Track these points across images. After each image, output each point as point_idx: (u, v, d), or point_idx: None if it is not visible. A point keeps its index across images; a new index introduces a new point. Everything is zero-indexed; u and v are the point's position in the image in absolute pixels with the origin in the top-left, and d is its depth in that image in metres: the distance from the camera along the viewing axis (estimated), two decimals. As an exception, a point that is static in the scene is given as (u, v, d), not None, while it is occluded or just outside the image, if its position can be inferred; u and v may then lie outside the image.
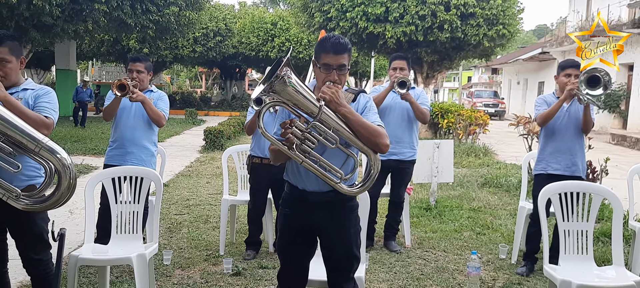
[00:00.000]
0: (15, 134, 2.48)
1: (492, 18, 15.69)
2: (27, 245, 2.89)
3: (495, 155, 12.03)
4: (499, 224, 6.06)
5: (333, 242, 2.73)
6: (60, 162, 2.51)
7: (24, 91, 2.89)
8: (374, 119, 2.61)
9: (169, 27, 14.50)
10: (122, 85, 4.04)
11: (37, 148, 2.50)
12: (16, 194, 2.55)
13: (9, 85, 2.81)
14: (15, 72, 2.86)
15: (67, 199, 2.59)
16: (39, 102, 2.86)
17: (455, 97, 43.99)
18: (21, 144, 2.50)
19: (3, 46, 2.78)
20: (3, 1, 9.40)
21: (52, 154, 2.51)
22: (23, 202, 2.56)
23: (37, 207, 2.60)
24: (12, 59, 2.82)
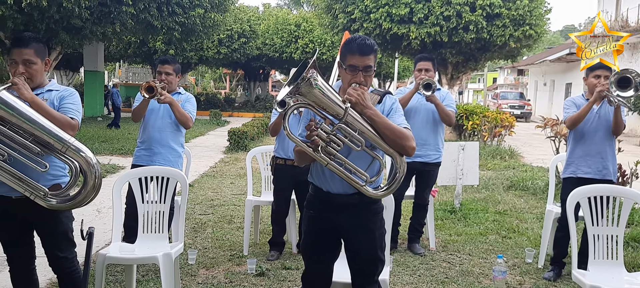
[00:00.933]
0: (42, 135, 2.53)
1: (518, 18, 15.47)
2: (53, 244, 2.94)
3: (521, 158, 11.86)
4: (525, 228, 5.96)
5: (358, 244, 2.72)
6: (86, 161, 2.55)
7: (49, 92, 2.94)
8: (400, 121, 2.59)
9: (195, 28, 14.65)
10: (150, 88, 4.09)
11: (63, 149, 2.54)
12: (44, 193, 2.60)
13: (34, 86, 2.87)
14: (41, 73, 2.92)
15: (92, 198, 2.64)
16: (64, 104, 2.91)
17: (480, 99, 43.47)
18: (48, 144, 2.55)
19: (29, 48, 2.83)
20: (34, 4, 9.62)
21: (78, 154, 2.55)
22: (50, 200, 2.61)
23: (63, 205, 2.65)
24: (38, 60, 2.88)
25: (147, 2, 11.94)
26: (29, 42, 2.84)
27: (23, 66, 2.82)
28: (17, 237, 2.96)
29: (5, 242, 2.99)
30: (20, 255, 3.02)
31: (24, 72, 2.80)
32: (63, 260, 2.98)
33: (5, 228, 2.94)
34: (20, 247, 3.00)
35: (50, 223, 2.89)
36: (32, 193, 2.59)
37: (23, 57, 2.82)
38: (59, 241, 2.95)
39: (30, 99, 2.69)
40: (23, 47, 2.82)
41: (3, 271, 4.29)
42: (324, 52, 25.73)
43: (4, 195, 2.83)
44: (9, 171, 2.55)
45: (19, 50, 2.82)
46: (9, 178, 2.56)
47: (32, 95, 2.73)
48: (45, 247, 2.98)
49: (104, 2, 11.00)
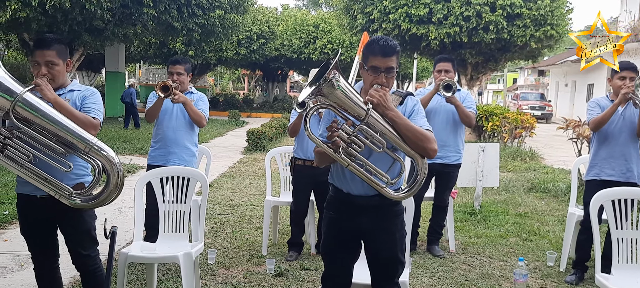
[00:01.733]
0: (65, 135, 2.57)
1: (539, 18, 15.30)
2: (76, 242, 2.99)
3: (542, 159, 11.71)
4: (547, 230, 5.89)
5: (378, 246, 2.71)
6: (109, 160, 2.59)
7: (71, 92, 2.98)
8: (422, 122, 2.57)
9: (214, 30, 14.76)
10: (166, 87, 4.14)
11: (86, 148, 2.58)
12: (68, 192, 2.64)
13: (57, 86, 2.91)
14: (62, 74, 2.95)
15: (115, 197, 2.67)
16: (86, 103, 2.94)
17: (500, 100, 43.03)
18: (71, 144, 2.59)
19: (51, 49, 2.87)
20: (58, 6, 9.78)
21: (101, 153, 2.59)
22: (74, 199, 2.65)
23: (87, 204, 2.69)
24: (60, 61, 2.91)
25: (167, 4, 12.07)
26: (51, 43, 2.88)
27: (46, 67, 2.86)
28: (42, 235, 3.02)
29: (30, 240, 3.04)
30: (44, 253, 3.07)
31: (46, 74, 2.84)
32: (86, 258, 3.03)
33: (31, 227, 3.00)
34: (45, 245, 3.05)
35: (74, 221, 2.94)
36: (57, 193, 2.64)
37: (45, 58, 2.86)
38: (82, 239, 2.99)
39: (53, 100, 2.73)
40: (45, 48, 2.86)
41: (27, 269, 4.37)
42: (342, 52, 25.73)
43: (29, 194, 2.88)
44: (34, 171, 2.60)
45: (41, 52, 2.86)
46: (34, 179, 2.60)
47: (54, 95, 2.77)
48: (69, 245, 3.02)
49: (125, 4, 11.14)
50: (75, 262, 3.06)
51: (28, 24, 10.55)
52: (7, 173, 8.21)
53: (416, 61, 20.48)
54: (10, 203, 6.30)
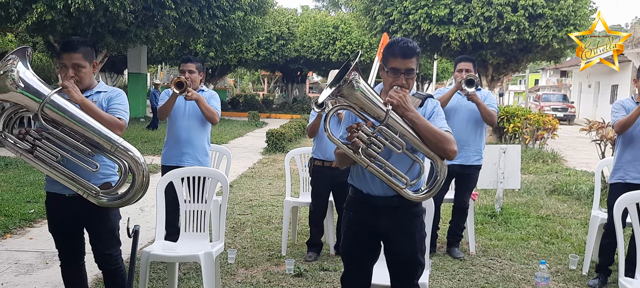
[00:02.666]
0: (92, 136, 2.62)
1: (562, 19, 15.07)
2: (100, 240, 3.04)
3: (564, 161, 11.55)
4: (569, 233, 5.81)
5: (397, 247, 2.71)
6: (134, 161, 2.63)
7: (98, 94, 3.03)
8: (442, 124, 2.57)
9: (235, 31, 14.86)
10: (180, 83, 4.19)
11: (113, 149, 2.63)
12: (95, 192, 2.70)
13: (83, 88, 2.97)
14: (89, 76, 3.01)
15: (141, 196, 2.72)
16: (112, 104, 3.00)
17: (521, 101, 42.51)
18: (98, 145, 2.64)
19: (77, 52, 2.93)
20: (82, 9, 9.96)
21: (127, 154, 2.63)
22: (101, 198, 2.70)
23: (114, 203, 2.74)
24: (86, 63, 2.97)
25: (189, 6, 12.19)
26: (78, 46, 2.94)
27: (72, 70, 2.91)
28: (69, 233, 3.08)
29: (57, 238, 3.11)
30: (71, 251, 3.13)
31: (73, 76, 2.90)
32: (108, 256, 3.08)
33: (59, 225, 3.06)
34: (72, 243, 3.11)
35: (100, 220, 3.00)
36: (84, 192, 2.69)
37: (72, 61, 2.92)
38: (107, 238, 3.05)
39: (80, 101, 2.78)
40: (72, 51, 2.92)
41: (52, 266, 4.46)
42: (362, 53, 25.58)
43: (57, 193, 2.94)
44: (62, 171, 2.65)
45: (68, 54, 2.92)
46: (62, 179, 2.66)
47: (82, 97, 2.82)
48: (93, 243, 3.08)
49: (148, 7, 11.28)
50: (97, 260, 3.12)
51: (53, 27, 10.75)
52: (32, 172, 8.39)
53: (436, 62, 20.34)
54: (35, 202, 6.43)
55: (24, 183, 7.52)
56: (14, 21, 10.51)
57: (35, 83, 2.59)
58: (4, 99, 2.58)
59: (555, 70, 46.64)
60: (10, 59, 2.56)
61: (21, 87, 2.55)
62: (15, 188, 7.17)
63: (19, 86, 2.54)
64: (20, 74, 2.56)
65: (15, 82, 2.54)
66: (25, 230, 5.48)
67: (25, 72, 2.58)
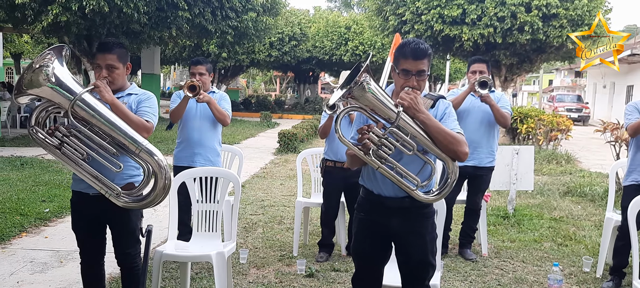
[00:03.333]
0: (119, 136, 2.65)
1: (576, 19, 14.94)
2: (121, 240, 3.09)
3: (578, 163, 11.44)
4: (583, 235, 5.76)
5: (408, 248, 2.71)
6: (157, 164, 2.64)
7: (129, 96, 3.08)
8: (453, 126, 2.57)
9: (247, 32, 14.92)
10: (193, 86, 4.23)
11: (137, 150, 2.65)
12: (117, 192, 2.72)
13: (116, 89, 3.02)
14: (122, 77, 3.07)
15: (162, 199, 2.73)
16: (141, 107, 3.04)
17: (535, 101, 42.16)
18: (124, 146, 2.67)
19: (112, 53, 2.99)
20: (97, 10, 10.07)
21: (150, 156, 2.65)
22: (123, 199, 2.72)
23: (135, 204, 2.75)
24: (120, 65, 3.03)
25: (202, 7, 12.27)
26: (113, 47, 3.00)
27: (106, 70, 2.98)
28: (92, 232, 3.12)
29: (80, 236, 3.14)
30: (92, 250, 3.16)
31: (106, 76, 2.96)
32: (127, 255, 3.13)
33: (82, 223, 3.10)
34: (93, 242, 3.14)
35: (122, 220, 3.03)
36: (107, 192, 2.71)
37: (106, 61, 2.98)
38: (127, 237, 3.09)
39: (110, 101, 2.83)
40: (107, 52, 2.98)
41: (67, 265, 4.52)
42: (374, 54, 25.66)
43: (82, 192, 2.99)
44: (87, 170, 2.68)
45: (103, 55, 2.99)
46: (87, 177, 2.69)
47: (112, 97, 2.86)
48: (114, 241, 3.12)
49: (161, 8, 11.37)
50: (117, 257, 3.16)
51: (68, 28, 10.88)
52: (47, 172, 8.49)
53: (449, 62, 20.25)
54: (50, 201, 6.51)
55: (39, 183, 7.62)
56: (30, 22, 10.66)
57: (68, 80, 2.62)
58: (36, 93, 2.61)
59: (569, 70, 46.19)
60: (47, 55, 2.60)
61: (54, 82, 2.58)
62: (31, 188, 7.26)
63: (52, 82, 2.58)
64: (55, 70, 2.59)
65: (49, 78, 2.57)
66: (40, 229, 5.55)
67: (59, 69, 2.61)
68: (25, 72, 2.58)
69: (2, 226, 5.37)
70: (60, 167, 8.99)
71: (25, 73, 2.57)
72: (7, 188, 7.19)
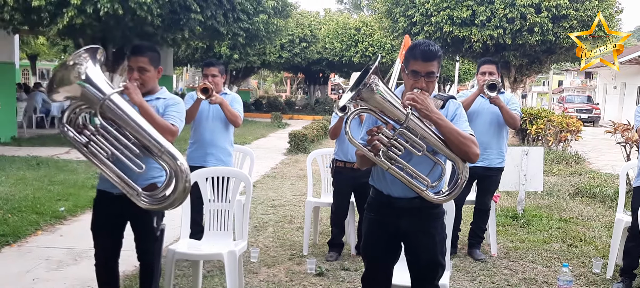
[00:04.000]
0: (143, 138, 2.69)
1: (586, 19, 14.87)
2: (143, 238, 3.15)
3: (588, 164, 11.39)
4: (593, 236, 5.76)
5: (418, 249, 2.73)
6: (179, 167, 2.67)
7: (157, 100, 3.14)
8: (464, 126, 2.59)
9: (258, 34, 15.00)
10: (206, 89, 4.29)
11: (159, 152, 2.69)
12: (138, 193, 2.77)
13: (146, 92, 3.08)
14: (153, 80, 3.13)
15: (182, 201, 2.77)
16: (168, 111, 3.10)
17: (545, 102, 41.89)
18: (148, 147, 2.71)
19: (144, 56, 3.07)
20: (111, 13, 10.19)
21: (173, 159, 2.68)
22: (144, 200, 2.77)
23: (155, 206, 2.79)
24: (151, 68, 3.10)
25: (214, 10, 12.35)
26: (145, 51, 3.08)
27: (137, 73, 3.05)
28: (112, 231, 3.17)
29: (98, 235, 3.19)
30: (109, 250, 3.21)
31: (137, 79, 3.03)
32: (146, 252, 3.19)
33: (103, 222, 3.16)
34: (111, 242, 3.20)
35: (144, 219, 3.08)
36: (129, 192, 2.77)
37: (138, 64, 3.05)
38: (149, 236, 3.15)
39: (138, 103, 2.89)
40: (139, 55, 3.06)
41: (81, 263, 4.60)
42: (383, 55, 25.68)
43: (106, 191, 3.06)
44: (111, 169, 2.74)
45: (135, 58, 3.07)
46: (111, 176, 2.74)
47: (141, 99, 2.92)
48: (136, 240, 3.19)
49: (174, 10, 11.47)
50: (139, 255, 3.22)
51: (83, 30, 11.02)
52: (62, 171, 8.62)
53: (458, 64, 20.21)
54: (65, 201, 6.61)
55: (55, 182, 7.73)
56: (46, 25, 10.81)
57: (99, 80, 2.67)
58: (67, 91, 2.67)
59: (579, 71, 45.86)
60: (82, 55, 2.65)
61: (85, 81, 2.63)
62: (46, 187, 7.38)
63: (84, 81, 2.63)
64: (88, 69, 2.65)
65: (80, 76, 2.63)
66: (55, 228, 5.65)
67: (92, 69, 2.67)
68: (58, 69, 2.64)
69: (18, 225, 5.48)
70: (75, 167, 9.12)
71: (58, 71, 2.64)
72: (23, 187, 7.31)
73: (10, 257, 4.71)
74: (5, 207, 6.15)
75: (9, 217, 5.74)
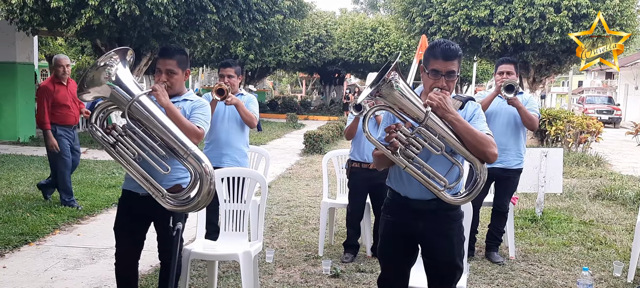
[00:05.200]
0: (169, 140, 2.70)
1: (608, 19, 14.61)
2: (165, 238, 3.15)
3: (609, 166, 11.21)
4: (613, 240, 5.65)
5: (435, 251, 2.70)
6: (204, 169, 2.67)
7: (184, 102, 3.17)
8: (482, 127, 2.56)
9: (274, 34, 15.02)
10: (221, 90, 4.30)
11: (185, 155, 2.69)
12: (163, 194, 2.77)
13: (173, 94, 3.11)
14: (180, 82, 3.17)
15: (205, 204, 2.77)
16: (195, 113, 3.12)
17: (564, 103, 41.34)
18: (173, 149, 2.72)
19: (172, 59, 3.10)
20: (128, 14, 10.28)
21: (198, 162, 2.68)
22: (168, 202, 2.77)
23: (179, 208, 2.79)
24: (179, 71, 3.13)
25: (229, 10, 12.39)
26: (173, 54, 3.11)
27: (165, 75, 3.09)
28: (135, 231, 3.19)
29: (121, 234, 3.21)
30: (130, 251, 3.23)
31: (165, 81, 3.07)
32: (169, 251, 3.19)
33: (127, 221, 3.18)
34: (133, 241, 3.22)
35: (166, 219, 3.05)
36: (154, 193, 2.77)
37: (166, 66, 3.09)
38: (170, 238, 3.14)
39: (165, 105, 2.91)
40: (167, 57, 3.10)
41: (98, 262, 4.64)
42: (400, 55, 25.58)
43: (132, 191, 3.08)
44: (137, 169, 2.75)
45: (163, 60, 3.11)
46: (136, 176, 2.75)
47: (168, 101, 2.95)
48: (159, 239, 3.21)
49: (190, 11, 11.53)
50: (160, 254, 3.25)
51: (100, 31, 11.13)
52: (80, 171, 8.70)
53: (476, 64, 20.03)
54: (82, 200, 6.67)
55: (72, 182, 7.79)
56: (64, 26, 10.94)
57: (128, 82, 2.70)
58: (97, 91, 2.69)
59: (600, 71, 45.18)
60: (112, 56, 2.69)
61: (114, 82, 2.66)
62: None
63: (113, 82, 2.66)
64: (117, 70, 2.68)
65: (110, 77, 2.66)
66: (73, 227, 5.70)
67: (121, 71, 2.70)
68: (88, 70, 2.67)
69: (37, 224, 5.54)
70: (92, 167, 9.21)
71: (88, 71, 2.67)
72: (41, 186, 7.39)
73: (29, 255, 4.76)
74: (24, 206, 6.22)
75: (28, 216, 5.81)
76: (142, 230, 3.23)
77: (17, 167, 8.85)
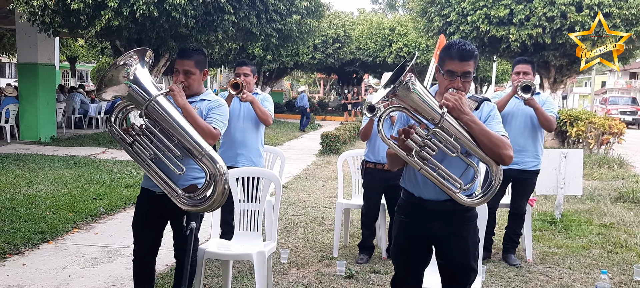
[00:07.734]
0: (184, 140, 2.73)
1: (630, 18, 14.31)
2: (181, 236, 3.15)
3: (632, 168, 10.98)
4: (635, 243, 5.53)
5: (450, 252, 2.68)
6: (218, 170, 2.69)
7: (201, 102, 3.19)
8: (498, 128, 2.53)
9: (291, 35, 15.03)
10: (237, 84, 4.31)
11: (200, 155, 2.71)
12: (178, 194, 2.80)
13: (190, 94, 3.13)
14: (198, 83, 3.19)
15: (220, 205, 2.80)
16: (211, 114, 3.14)
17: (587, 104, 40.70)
18: (189, 149, 2.75)
19: (190, 60, 3.13)
20: (146, 15, 10.39)
21: (212, 163, 2.69)
22: (183, 201, 2.79)
23: (193, 208, 2.81)
24: (197, 71, 3.16)
25: (247, 11, 12.44)
26: (191, 54, 3.14)
27: (183, 75, 3.12)
28: (151, 228, 3.23)
29: (138, 231, 3.25)
30: (147, 248, 3.26)
31: (183, 81, 3.10)
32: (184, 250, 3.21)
33: (144, 219, 3.22)
34: (150, 239, 3.25)
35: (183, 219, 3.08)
36: (169, 192, 2.80)
37: (184, 67, 3.12)
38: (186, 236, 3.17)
39: (182, 105, 2.93)
40: (185, 58, 3.13)
41: (115, 260, 4.69)
42: (418, 55, 25.41)
43: (149, 189, 3.12)
44: (153, 169, 2.78)
45: (181, 61, 3.14)
46: (152, 175, 2.79)
47: (185, 102, 2.97)
48: (175, 238, 3.23)
49: (208, 12, 11.61)
50: (176, 252, 3.27)
51: (120, 32, 11.26)
52: (98, 171, 8.82)
53: (495, 64, 19.82)
54: (101, 199, 6.75)
55: (91, 181, 7.91)
56: (84, 27, 11.10)
57: (146, 82, 2.73)
58: (115, 90, 2.73)
59: (623, 71, 44.38)
60: (132, 56, 2.72)
61: (132, 81, 2.69)
62: (83, 186, 7.56)
63: (131, 81, 2.69)
64: (136, 70, 2.71)
65: (128, 77, 2.69)
66: (91, 226, 5.77)
67: (140, 71, 2.73)
68: (108, 69, 2.71)
69: (56, 222, 5.62)
70: (111, 167, 9.32)
71: (107, 70, 2.70)
72: (61, 186, 7.50)
73: (47, 253, 4.83)
74: (44, 205, 6.32)
75: (47, 215, 5.90)
76: (159, 227, 3.26)
77: (37, 167, 9.00)
